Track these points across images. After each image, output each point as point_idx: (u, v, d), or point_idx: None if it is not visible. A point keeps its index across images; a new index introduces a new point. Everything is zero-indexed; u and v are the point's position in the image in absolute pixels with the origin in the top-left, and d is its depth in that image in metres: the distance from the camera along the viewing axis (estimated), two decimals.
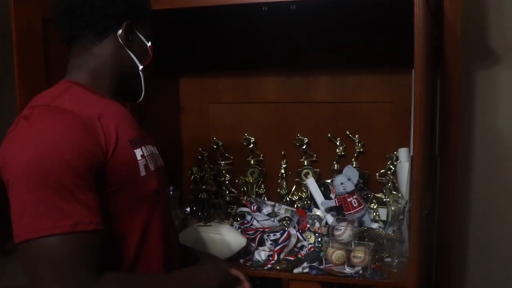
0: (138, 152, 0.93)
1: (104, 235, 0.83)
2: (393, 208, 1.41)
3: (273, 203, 1.68)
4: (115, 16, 0.97)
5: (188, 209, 1.74)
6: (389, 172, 1.67)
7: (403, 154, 1.59)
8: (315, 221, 1.55)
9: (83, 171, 0.81)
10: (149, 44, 1.04)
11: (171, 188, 1.65)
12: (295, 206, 1.71)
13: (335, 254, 1.35)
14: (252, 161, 1.82)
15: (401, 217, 1.39)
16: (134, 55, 1.00)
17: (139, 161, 0.92)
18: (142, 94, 1.04)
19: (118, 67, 0.99)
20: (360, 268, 1.32)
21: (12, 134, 0.85)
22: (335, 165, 1.73)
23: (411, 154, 1.33)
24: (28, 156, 0.80)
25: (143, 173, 0.93)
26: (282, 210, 1.63)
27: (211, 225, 1.46)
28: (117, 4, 0.97)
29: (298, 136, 1.77)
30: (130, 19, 0.99)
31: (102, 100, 0.94)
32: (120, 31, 0.98)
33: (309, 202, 1.70)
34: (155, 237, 0.94)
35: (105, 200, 0.85)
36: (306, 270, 1.35)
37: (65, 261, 0.77)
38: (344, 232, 1.38)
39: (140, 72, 1.02)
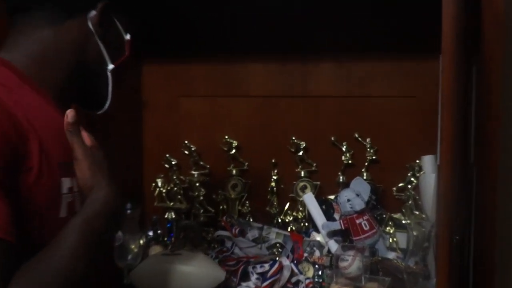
0: (66, 183, 0.86)
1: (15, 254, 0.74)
2: (415, 233, 1.42)
3: (260, 225, 1.68)
4: None
5: (151, 233, 1.72)
6: (410, 186, 1.64)
7: (428, 163, 1.58)
8: (315, 248, 1.55)
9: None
10: (127, 37, 0.99)
11: (128, 206, 1.61)
12: (289, 229, 1.70)
13: None
14: (234, 171, 1.81)
15: (426, 244, 1.40)
16: (106, 48, 0.95)
17: (63, 195, 0.85)
18: (107, 103, 1.00)
19: (78, 60, 0.93)
20: None
21: None
22: (341, 177, 1.73)
23: (438, 163, 1.33)
24: None
25: (63, 213, 0.85)
26: (272, 234, 1.63)
27: (180, 254, 1.45)
28: None
29: (293, 139, 1.75)
30: (108, 0, 0.93)
31: (40, 99, 0.88)
32: (93, 13, 0.92)
33: (306, 224, 1.70)
34: None
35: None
36: None
37: None
38: (352, 263, 1.37)
39: (109, 73, 0.97)
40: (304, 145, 1.75)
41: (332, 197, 1.68)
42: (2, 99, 0.80)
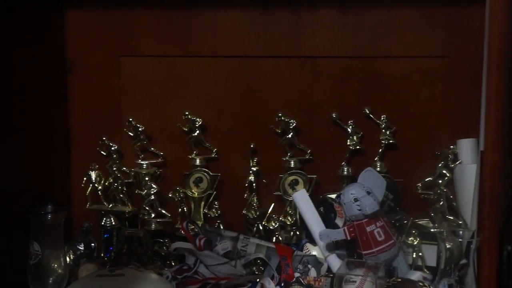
0: None
1: None
2: (448, 245, 1.39)
3: (235, 234, 1.66)
4: None
5: (81, 246, 1.69)
6: (441, 181, 1.62)
7: (467, 149, 1.58)
8: (309, 266, 1.54)
9: None
10: None
11: (48, 208, 1.52)
12: (274, 239, 1.69)
13: None
14: (198, 161, 1.77)
15: (464, 261, 1.38)
16: None
17: None
18: None
19: None
20: None
21: None
22: (345, 168, 1.71)
23: (482, 148, 1.34)
24: None
25: None
26: (251, 247, 1.62)
27: (122, 275, 1.42)
28: None
29: (279, 116, 1.71)
30: None
31: None
32: None
33: (298, 232, 1.69)
34: None
35: None
36: None
37: None
38: (361, 286, 1.35)
39: None
40: (294, 124, 1.71)
41: (333, 195, 1.66)
42: None
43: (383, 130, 1.68)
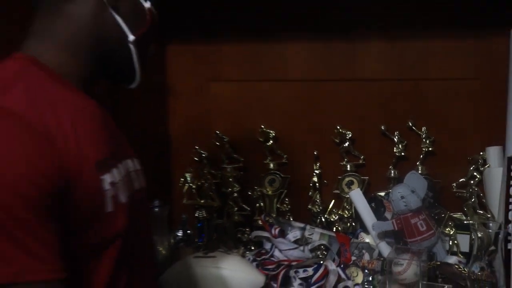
0: (107, 179, 0.91)
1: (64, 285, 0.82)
2: (479, 235, 1.39)
3: (302, 224, 1.69)
4: None
5: (180, 233, 1.74)
6: (472, 182, 1.64)
7: (495, 155, 1.58)
8: (364, 251, 1.55)
9: (34, 203, 0.80)
10: (147, 4, 1.03)
11: (155, 203, 1.66)
12: (334, 229, 1.71)
13: None
14: (271, 165, 1.83)
15: (492, 248, 1.38)
16: (123, 19, 0.99)
17: (106, 191, 0.90)
18: (137, 76, 1.04)
19: (98, 37, 0.97)
20: None
21: None
22: (392, 171, 1.74)
23: (508, 154, 1.39)
24: None
25: (109, 208, 0.91)
26: (316, 235, 1.64)
27: (214, 257, 1.48)
28: None
29: (338, 128, 1.76)
30: None
31: (69, 94, 0.92)
32: None
33: (354, 224, 1.71)
34: None
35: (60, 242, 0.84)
36: None
37: None
38: (407, 268, 1.37)
39: (131, 45, 1.00)
40: (350, 135, 1.75)
41: (382, 193, 1.69)
42: (40, 115, 0.84)
43: (424, 140, 1.70)
